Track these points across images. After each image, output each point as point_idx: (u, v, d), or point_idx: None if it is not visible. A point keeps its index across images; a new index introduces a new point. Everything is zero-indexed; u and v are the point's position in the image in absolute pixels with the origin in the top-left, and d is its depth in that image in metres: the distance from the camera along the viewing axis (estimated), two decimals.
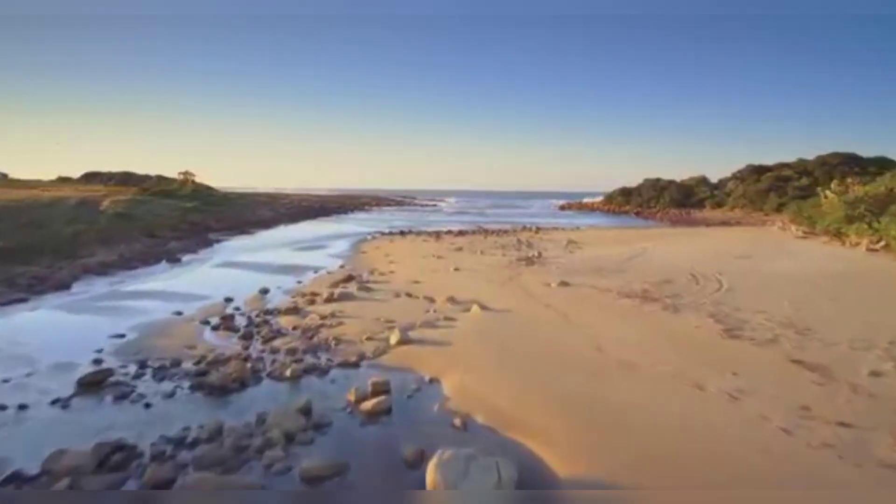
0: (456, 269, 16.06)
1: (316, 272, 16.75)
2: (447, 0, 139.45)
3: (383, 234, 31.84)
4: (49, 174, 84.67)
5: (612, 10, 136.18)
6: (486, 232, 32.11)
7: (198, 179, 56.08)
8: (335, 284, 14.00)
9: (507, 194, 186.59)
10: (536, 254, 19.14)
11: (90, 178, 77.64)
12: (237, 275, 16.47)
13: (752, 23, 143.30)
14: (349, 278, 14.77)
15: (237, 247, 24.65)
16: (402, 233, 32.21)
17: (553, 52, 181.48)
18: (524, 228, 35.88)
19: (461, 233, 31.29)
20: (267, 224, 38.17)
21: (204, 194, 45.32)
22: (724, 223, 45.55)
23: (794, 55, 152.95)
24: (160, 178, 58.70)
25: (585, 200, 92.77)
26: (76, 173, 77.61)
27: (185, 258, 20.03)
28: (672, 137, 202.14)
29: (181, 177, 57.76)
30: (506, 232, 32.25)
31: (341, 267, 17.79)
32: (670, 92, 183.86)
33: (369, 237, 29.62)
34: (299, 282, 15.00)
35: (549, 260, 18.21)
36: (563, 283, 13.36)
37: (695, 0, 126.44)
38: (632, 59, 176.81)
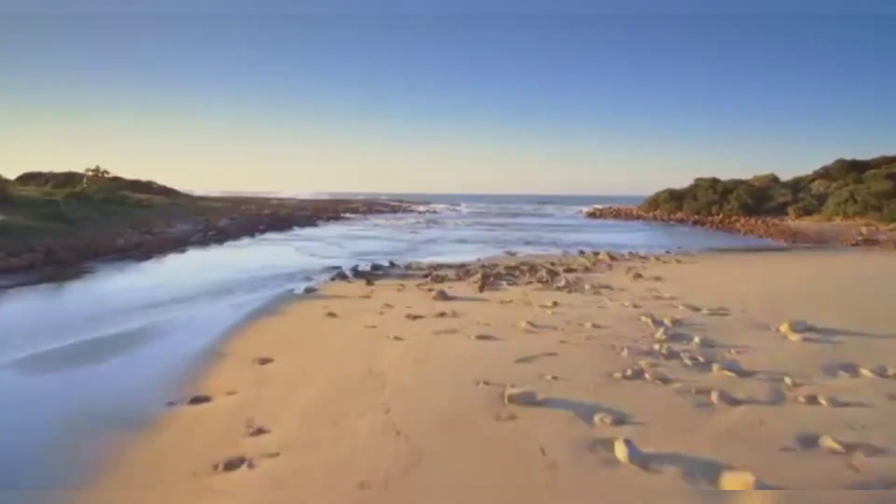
0: None
1: None
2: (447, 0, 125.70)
3: (340, 275, 16.71)
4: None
5: (611, 10, 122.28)
6: (534, 271, 16.74)
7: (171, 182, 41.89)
8: None
9: (512, 198, 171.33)
10: None
11: (28, 179, 64.01)
12: None
13: (757, 22, 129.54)
14: None
15: None
16: (372, 274, 16.95)
17: (549, 51, 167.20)
18: (585, 257, 20.65)
19: (488, 276, 15.59)
20: (155, 250, 22.91)
21: (93, 199, 30.30)
22: (870, 241, 30.05)
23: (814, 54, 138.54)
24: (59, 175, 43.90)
25: (595, 206, 77.52)
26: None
27: None
28: (669, 136, 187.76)
29: (89, 174, 43.21)
30: (573, 272, 16.93)
31: None
32: (671, 91, 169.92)
33: (301, 289, 14.45)
34: None
35: None
36: None
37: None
38: (631, 58, 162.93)
